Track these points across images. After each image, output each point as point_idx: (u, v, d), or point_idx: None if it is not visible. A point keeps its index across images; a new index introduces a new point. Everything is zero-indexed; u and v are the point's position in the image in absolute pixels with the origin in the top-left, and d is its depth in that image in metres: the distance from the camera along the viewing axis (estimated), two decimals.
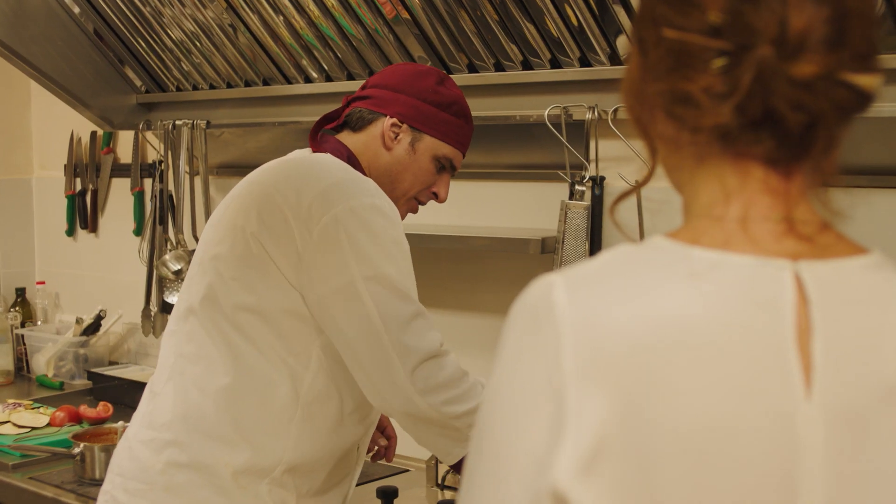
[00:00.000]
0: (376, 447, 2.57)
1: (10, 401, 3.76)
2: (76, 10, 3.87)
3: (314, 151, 2.25)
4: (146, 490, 2.14)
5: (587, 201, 2.81)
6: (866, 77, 1.05)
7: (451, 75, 2.96)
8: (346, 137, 2.28)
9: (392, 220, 2.10)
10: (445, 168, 2.30)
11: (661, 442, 1.00)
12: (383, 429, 2.57)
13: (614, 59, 2.73)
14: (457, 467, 2.17)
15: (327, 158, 2.20)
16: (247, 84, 3.67)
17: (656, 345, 1.01)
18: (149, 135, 4.11)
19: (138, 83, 4.05)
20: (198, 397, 2.13)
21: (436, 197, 2.32)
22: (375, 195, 2.10)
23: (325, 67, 3.37)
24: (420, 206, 2.36)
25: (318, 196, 2.06)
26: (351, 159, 2.22)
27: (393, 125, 2.24)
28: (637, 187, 1.21)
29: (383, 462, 2.69)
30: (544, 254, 2.84)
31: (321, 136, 2.29)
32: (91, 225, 4.51)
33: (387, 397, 2.06)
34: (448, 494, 2.92)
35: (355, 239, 2.04)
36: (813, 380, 1.02)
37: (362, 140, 2.26)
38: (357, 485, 2.37)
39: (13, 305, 4.57)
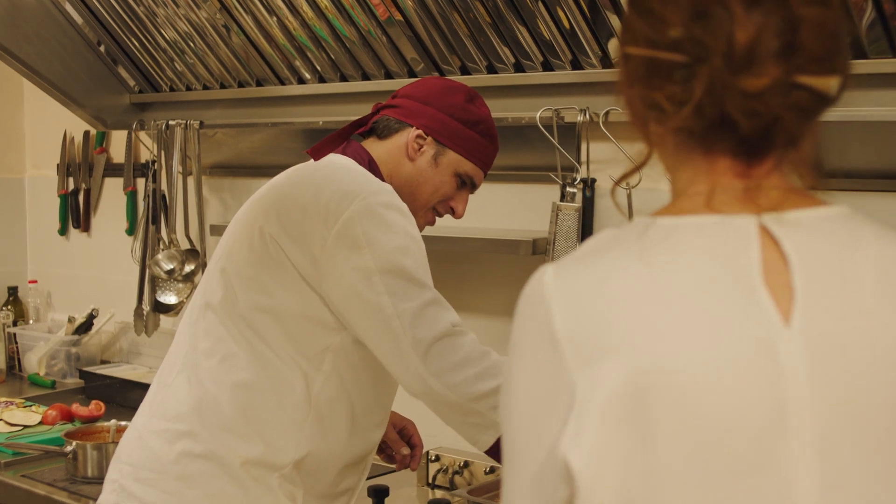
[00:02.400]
0: (399, 455, 2.56)
1: (3, 399, 3.77)
2: (70, 9, 3.88)
3: (339, 153, 2.28)
4: (158, 479, 2.16)
5: (578, 203, 2.82)
6: (824, 80, 1.10)
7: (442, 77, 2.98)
8: (371, 144, 2.30)
9: (407, 216, 2.13)
10: (466, 185, 2.33)
11: (652, 384, 1.07)
12: (409, 437, 2.54)
13: (606, 62, 2.75)
14: (490, 453, 2.12)
15: (347, 162, 2.23)
16: (240, 84, 3.68)
17: (632, 298, 1.11)
18: (142, 134, 4.12)
19: (132, 83, 4.06)
20: (213, 390, 2.15)
21: (452, 212, 2.35)
22: (391, 195, 2.13)
23: (319, 68, 3.38)
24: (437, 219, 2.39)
25: (336, 195, 2.09)
26: (371, 165, 2.25)
27: (418, 136, 2.26)
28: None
29: (383, 463, 2.69)
30: (535, 255, 2.85)
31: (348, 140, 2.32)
32: (84, 224, 4.51)
33: (407, 383, 2.08)
34: (438, 493, 2.94)
35: (371, 234, 2.06)
36: (794, 308, 1.09)
37: (386, 148, 2.29)
38: None
39: (5, 304, 4.58)
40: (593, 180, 2.85)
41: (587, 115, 2.78)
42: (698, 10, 1.10)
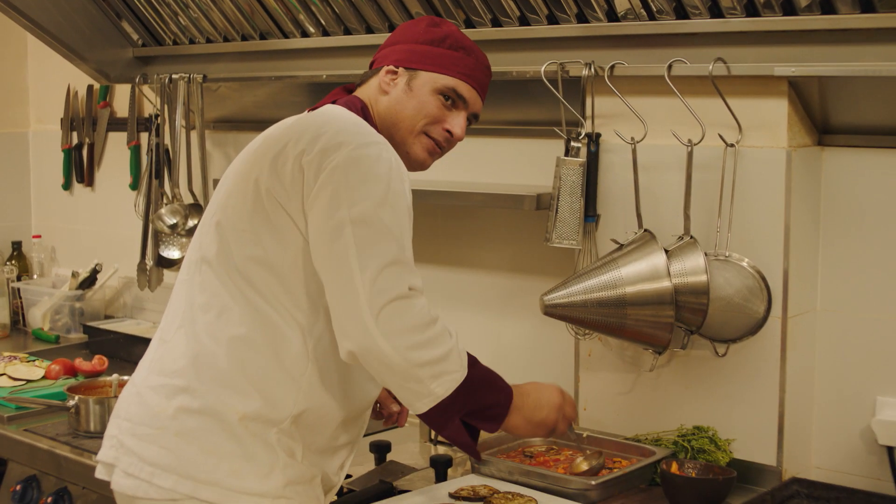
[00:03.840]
0: (388, 411, 2.59)
1: (6, 354, 3.77)
2: None
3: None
4: (156, 435, 2.15)
5: (583, 158, 2.81)
6: None
7: None
8: (358, 93, 2.34)
9: (395, 170, 2.11)
10: (454, 101, 2.31)
11: None
12: None
13: (612, 15, 2.72)
14: (424, 417, 2.12)
15: (340, 110, 2.25)
16: (244, 38, 3.66)
17: None
18: (145, 88, 4.10)
19: (135, 37, 4.03)
20: (210, 345, 2.15)
21: (450, 134, 2.32)
22: (383, 145, 2.13)
23: (322, 22, 3.36)
24: (439, 150, 2.34)
25: (329, 141, 2.10)
26: (364, 111, 2.27)
27: (388, 72, 2.30)
28: None
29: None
30: (539, 210, 2.83)
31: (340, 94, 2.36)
32: (87, 179, 4.50)
33: (351, 336, 2.05)
34: (441, 449, 2.93)
35: (353, 182, 2.06)
36: None
37: (367, 93, 2.32)
38: None
39: (9, 259, 4.58)
40: (598, 135, 2.83)
41: (592, 70, 2.76)
42: None
